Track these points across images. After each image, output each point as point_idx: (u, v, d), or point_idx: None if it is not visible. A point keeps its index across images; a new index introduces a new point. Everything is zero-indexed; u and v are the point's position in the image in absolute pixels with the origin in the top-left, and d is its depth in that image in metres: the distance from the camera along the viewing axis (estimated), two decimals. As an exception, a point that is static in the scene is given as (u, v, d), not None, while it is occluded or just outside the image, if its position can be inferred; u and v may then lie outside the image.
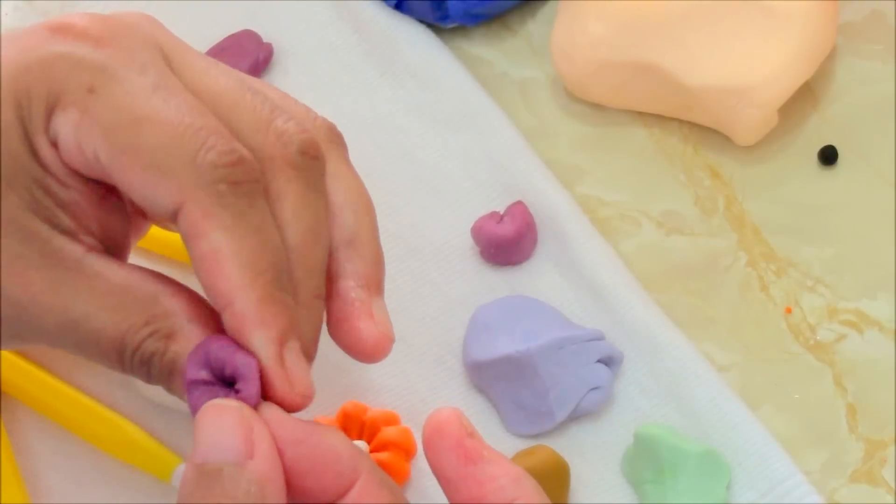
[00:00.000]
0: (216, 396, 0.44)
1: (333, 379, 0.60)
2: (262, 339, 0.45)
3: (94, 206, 0.48)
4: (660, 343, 0.58)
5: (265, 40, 0.68)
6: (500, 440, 0.58)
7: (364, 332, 0.48)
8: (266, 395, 0.45)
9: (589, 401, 0.57)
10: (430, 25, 0.68)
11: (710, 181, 0.63)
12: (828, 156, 0.63)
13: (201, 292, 0.48)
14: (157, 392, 0.59)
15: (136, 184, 0.46)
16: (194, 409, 0.45)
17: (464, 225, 0.62)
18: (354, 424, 0.57)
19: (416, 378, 0.60)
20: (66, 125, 0.46)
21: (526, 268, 0.62)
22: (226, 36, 0.69)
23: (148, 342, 0.46)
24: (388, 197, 0.64)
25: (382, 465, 0.56)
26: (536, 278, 0.61)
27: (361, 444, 0.57)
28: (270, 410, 0.44)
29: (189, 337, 0.46)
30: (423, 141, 0.65)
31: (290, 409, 0.45)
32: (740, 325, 0.60)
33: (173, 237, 0.62)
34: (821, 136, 0.64)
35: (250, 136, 0.47)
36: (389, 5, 0.68)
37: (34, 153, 0.47)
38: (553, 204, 0.62)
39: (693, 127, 0.65)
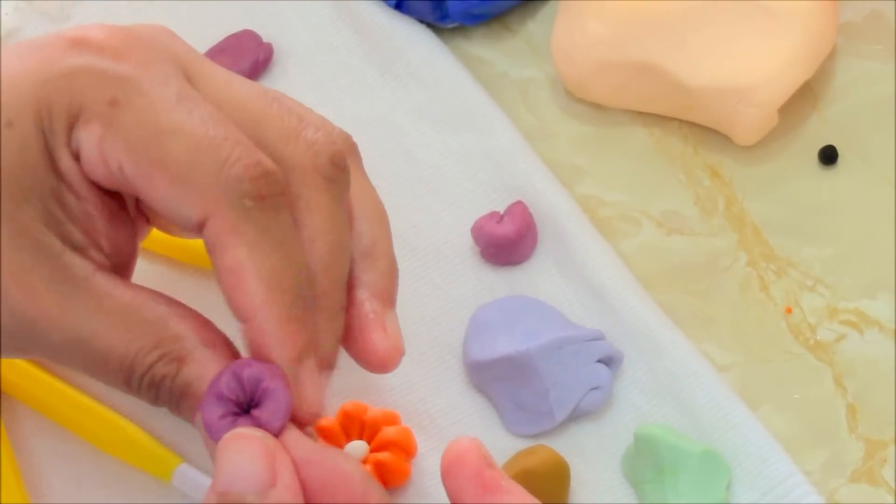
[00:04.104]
0: (236, 421, 0.45)
1: (334, 379, 0.60)
2: (280, 357, 0.45)
3: (106, 221, 0.48)
4: (660, 343, 0.58)
5: (265, 40, 0.68)
6: (500, 440, 0.58)
7: (377, 344, 0.49)
8: None
9: (589, 401, 0.57)
10: (430, 25, 0.68)
11: (710, 181, 0.63)
12: (828, 156, 0.63)
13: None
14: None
15: (160, 196, 0.46)
16: (211, 431, 0.45)
17: (464, 225, 0.62)
18: (354, 424, 0.57)
19: (416, 378, 0.60)
20: (88, 138, 0.46)
21: (526, 268, 0.62)
22: (226, 36, 0.69)
23: (158, 365, 0.46)
24: (388, 197, 0.64)
25: (382, 465, 0.56)
26: (536, 278, 0.61)
27: (361, 444, 0.57)
28: (288, 431, 0.45)
29: (201, 361, 0.46)
30: (423, 141, 0.65)
31: (297, 424, 0.46)
32: (740, 325, 0.60)
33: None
34: (821, 136, 0.64)
35: (279, 145, 0.48)
36: (389, 5, 0.68)
37: (53, 165, 0.47)
38: (553, 204, 0.62)
39: (693, 127, 0.65)
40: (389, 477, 0.56)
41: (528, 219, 0.62)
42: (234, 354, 0.47)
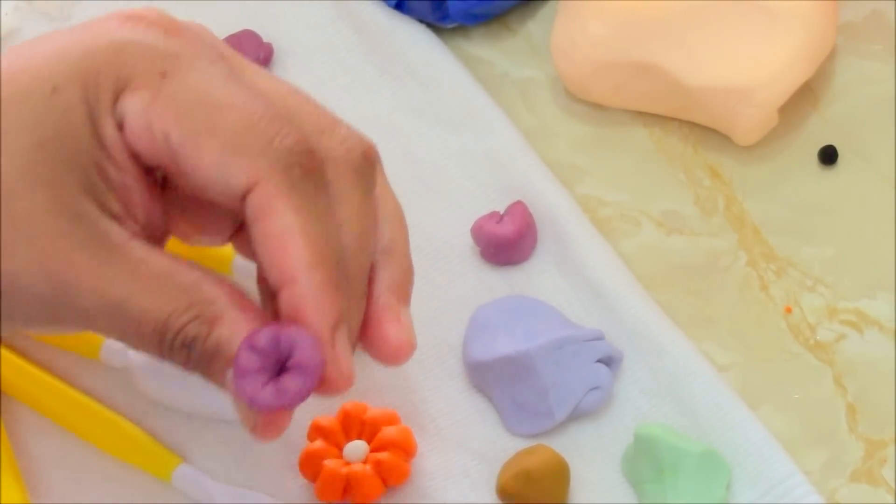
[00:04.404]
0: (267, 383, 0.46)
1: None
2: (319, 321, 0.47)
3: (143, 194, 0.49)
4: (660, 343, 0.58)
5: (265, 40, 0.68)
6: (499, 440, 0.58)
7: (391, 334, 0.50)
8: None
9: (589, 400, 0.57)
10: (430, 25, 0.68)
11: (710, 181, 0.63)
12: (828, 155, 0.63)
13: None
14: (157, 392, 0.59)
15: (208, 164, 0.47)
16: (243, 395, 0.46)
17: (464, 225, 0.62)
18: (354, 424, 0.57)
19: (416, 378, 0.60)
20: (135, 107, 0.47)
21: (526, 268, 0.62)
22: (226, 36, 0.69)
23: (191, 326, 0.47)
24: (387, 197, 0.64)
25: (382, 465, 0.56)
26: (536, 278, 0.61)
27: (361, 444, 0.57)
28: None
29: (232, 322, 0.47)
30: (423, 141, 0.65)
31: (334, 390, 0.47)
32: (740, 325, 0.60)
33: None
34: (821, 136, 0.64)
35: (315, 137, 0.49)
36: (389, 5, 0.68)
37: (96, 134, 0.48)
38: (553, 204, 0.62)
39: (693, 127, 0.65)
40: (389, 476, 0.56)
41: (527, 219, 0.62)
42: (265, 319, 0.48)
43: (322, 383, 0.47)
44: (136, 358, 0.59)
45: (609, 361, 0.58)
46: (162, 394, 0.59)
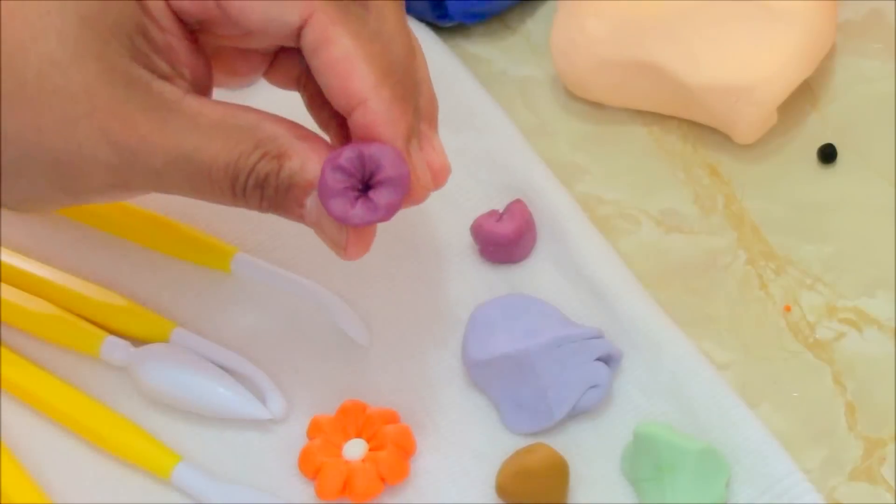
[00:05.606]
0: (356, 200, 0.47)
1: (333, 377, 0.60)
2: (394, 135, 0.48)
3: (187, 52, 0.50)
4: (659, 341, 0.58)
5: (265, 39, 0.68)
6: (499, 438, 0.58)
7: (431, 160, 0.52)
8: None
9: (588, 399, 0.57)
10: (429, 24, 0.68)
11: (710, 179, 0.63)
12: (827, 154, 0.63)
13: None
14: (157, 391, 0.59)
15: (259, 7, 0.48)
16: (335, 214, 0.47)
17: (463, 223, 0.62)
18: (354, 422, 0.57)
19: (415, 376, 0.60)
20: None
21: (525, 266, 0.62)
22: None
23: (261, 164, 0.48)
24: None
25: (382, 463, 0.56)
26: (536, 277, 0.61)
27: (360, 443, 0.57)
28: None
29: (300, 153, 0.49)
30: (422, 139, 0.65)
31: (417, 200, 0.50)
32: (739, 324, 0.60)
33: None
34: (820, 135, 0.64)
35: None
36: (389, 4, 0.68)
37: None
38: (552, 202, 0.62)
39: (692, 125, 0.65)
40: (388, 475, 0.56)
41: (527, 217, 0.62)
42: (329, 148, 0.49)
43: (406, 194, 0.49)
44: (137, 356, 0.60)
45: (608, 360, 0.58)
46: (162, 393, 0.59)
